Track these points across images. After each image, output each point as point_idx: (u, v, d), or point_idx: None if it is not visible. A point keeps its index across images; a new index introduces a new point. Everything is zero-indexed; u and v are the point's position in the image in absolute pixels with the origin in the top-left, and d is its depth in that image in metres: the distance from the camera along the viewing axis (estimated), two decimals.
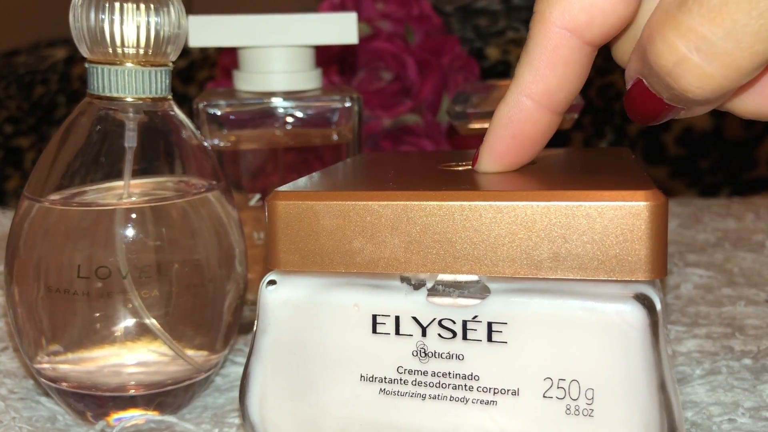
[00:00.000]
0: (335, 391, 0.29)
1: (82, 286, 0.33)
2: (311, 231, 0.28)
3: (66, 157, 0.34)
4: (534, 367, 0.27)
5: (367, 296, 0.28)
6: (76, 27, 0.33)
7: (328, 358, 0.29)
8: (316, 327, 0.29)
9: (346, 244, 0.28)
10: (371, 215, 0.28)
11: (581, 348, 0.26)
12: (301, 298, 0.29)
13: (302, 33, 0.43)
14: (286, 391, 0.29)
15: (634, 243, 0.25)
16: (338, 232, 0.28)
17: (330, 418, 0.29)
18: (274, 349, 0.29)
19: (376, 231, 0.28)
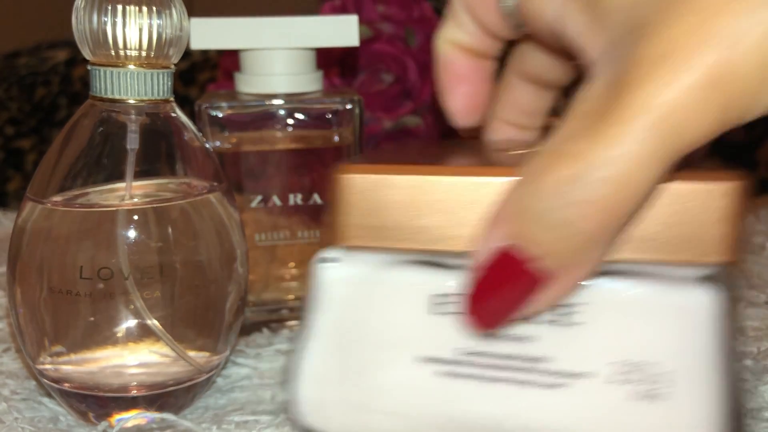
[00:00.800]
0: (391, 372, 0.28)
1: (84, 287, 0.33)
2: (381, 206, 0.27)
3: (68, 159, 0.34)
4: (604, 350, 0.26)
5: (428, 275, 0.27)
6: (78, 29, 0.33)
7: (384, 339, 0.28)
8: (373, 306, 0.28)
9: (416, 221, 0.27)
10: (445, 190, 0.26)
11: (653, 331, 0.25)
12: (360, 275, 0.28)
13: (303, 35, 0.43)
14: (339, 373, 0.29)
15: (710, 225, 0.25)
16: (409, 208, 0.27)
17: (386, 401, 0.28)
18: (328, 328, 0.29)
19: (449, 207, 0.26)
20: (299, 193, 0.45)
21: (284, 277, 0.47)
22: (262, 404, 0.36)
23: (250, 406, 0.36)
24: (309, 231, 0.45)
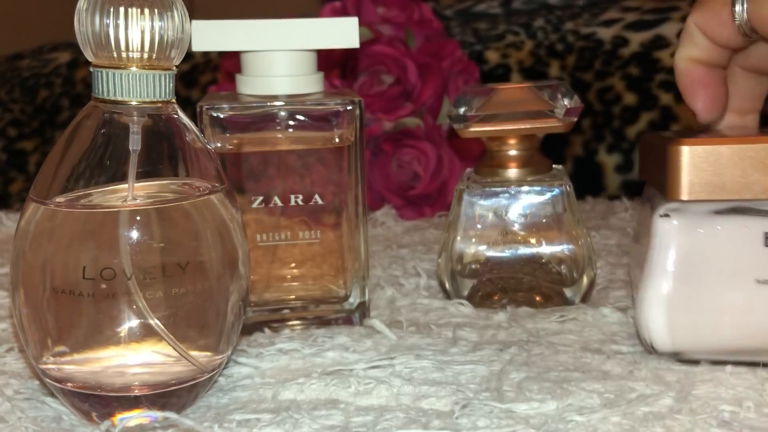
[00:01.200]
0: (735, 294, 0.36)
1: (87, 288, 0.33)
2: (713, 167, 0.36)
3: (71, 160, 0.35)
4: None
5: (760, 217, 0.36)
6: (81, 31, 0.33)
7: (728, 268, 0.36)
8: (715, 244, 0.36)
9: (742, 177, 0.36)
10: (766, 153, 0.36)
11: None
12: (700, 221, 0.37)
13: (304, 37, 0.44)
14: (687, 299, 0.37)
15: None
16: (736, 167, 0.36)
17: (729, 318, 0.36)
18: (673, 264, 0.37)
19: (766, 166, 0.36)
20: (300, 193, 0.45)
21: (286, 278, 0.47)
22: (264, 403, 0.36)
23: (252, 404, 0.36)
24: (310, 231, 0.46)
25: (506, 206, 0.48)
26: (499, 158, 0.49)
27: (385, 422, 0.33)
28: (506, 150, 0.48)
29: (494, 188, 0.48)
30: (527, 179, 0.48)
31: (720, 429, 0.31)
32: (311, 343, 0.42)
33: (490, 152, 0.49)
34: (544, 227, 0.48)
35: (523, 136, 0.48)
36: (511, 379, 0.36)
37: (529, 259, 0.48)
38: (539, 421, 0.33)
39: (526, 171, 0.48)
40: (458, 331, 0.43)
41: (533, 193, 0.48)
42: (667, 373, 0.37)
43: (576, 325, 0.44)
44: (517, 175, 0.48)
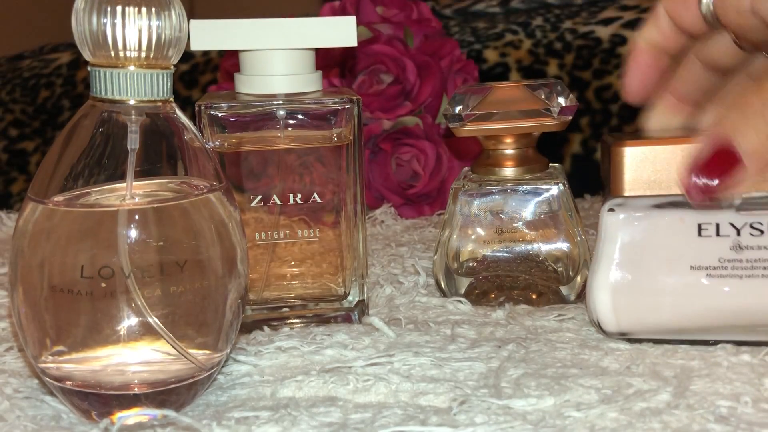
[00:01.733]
0: (672, 278, 0.40)
1: (85, 286, 0.33)
2: (652, 166, 0.40)
3: (69, 159, 0.35)
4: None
5: (690, 212, 0.39)
6: (78, 31, 0.34)
7: (665, 255, 0.40)
8: (655, 234, 0.40)
9: (677, 174, 0.38)
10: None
11: None
12: (641, 214, 0.40)
13: (302, 36, 0.44)
14: (630, 284, 0.40)
15: None
16: (671, 166, 0.39)
17: (667, 300, 0.40)
18: (618, 252, 0.40)
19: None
20: (299, 192, 0.45)
21: (285, 276, 0.47)
22: (263, 400, 0.36)
23: (251, 402, 0.36)
24: (309, 230, 0.46)
25: (502, 204, 0.48)
26: (495, 157, 0.49)
27: (383, 419, 0.33)
28: (502, 149, 0.49)
29: (490, 187, 0.48)
30: (523, 178, 0.48)
31: (717, 424, 0.31)
32: (310, 341, 0.42)
33: (486, 151, 0.49)
34: (540, 225, 0.48)
35: (518, 135, 0.48)
36: (508, 375, 0.37)
37: (526, 257, 0.48)
38: (537, 417, 0.33)
39: (522, 169, 0.48)
40: (456, 328, 0.43)
41: (529, 192, 0.48)
42: (664, 368, 0.37)
43: (574, 323, 0.44)
44: (513, 174, 0.48)
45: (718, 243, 0.39)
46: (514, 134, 0.48)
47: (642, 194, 0.40)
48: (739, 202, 0.39)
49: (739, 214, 0.39)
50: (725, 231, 0.39)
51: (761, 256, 0.39)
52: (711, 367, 0.37)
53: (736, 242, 0.39)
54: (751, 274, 0.39)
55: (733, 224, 0.39)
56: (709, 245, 0.39)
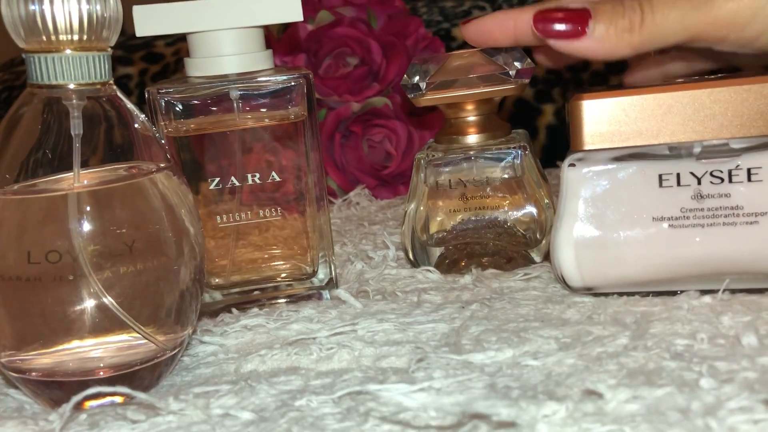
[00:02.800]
0: (635, 230, 0.39)
1: (34, 272, 0.33)
2: (609, 118, 0.40)
3: (13, 149, 0.35)
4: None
5: (655, 161, 0.39)
6: (9, 17, 0.33)
7: (627, 208, 0.40)
8: (616, 187, 0.40)
9: (636, 125, 0.39)
10: (656, 102, 0.39)
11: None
12: (602, 168, 0.40)
13: (248, 14, 0.43)
14: (593, 238, 0.40)
15: None
16: (629, 117, 0.39)
17: (630, 252, 0.39)
18: (581, 207, 0.40)
19: (657, 114, 0.39)
20: (257, 172, 0.45)
21: (252, 259, 0.47)
22: (226, 376, 0.36)
23: (214, 379, 0.36)
24: (270, 209, 0.46)
25: (465, 172, 0.48)
26: (457, 125, 0.49)
27: (342, 383, 0.33)
28: (463, 116, 0.48)
29: (453, 155, 0.48)
30: (486, 144, 0.48)
31: (673, 361, 0.31)
32: (276, 318, 0.42)
33: (448, 120, 0.49)
34: (505, 191, 0.48)
35: (478, 102, 0.48)
36: (470, 333, 0.36)
37: (493, 223, 0.48)
38: (494, 368, 0.32)
39: (485, 136, 0.48)
40: (423, 295, 0.43)
41: (492, 158, 0.48)
42: (626, 315, 0.37)
43: (540, 282, 0.44)
44: (476, 141, 0.48)
45: (679, 193, 0.39)
46: (473, 101, 0.48)
47: (601, 147, 0.40)
48: (699, 150, 0.39)
49: (699, 163, 0.39)
50: (686, 180, 0.39)
51: (722, 204, 0.39)
52: (671, 311, 0.37)
53: (697, 191, 0.39)
54: (713, 222, 0.39)
55: (693, 173, 0.39)
56: (670, 195, 0.39)
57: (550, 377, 0.31)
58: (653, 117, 0.39)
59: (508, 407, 0.28)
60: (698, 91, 0.39)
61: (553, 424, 0.27)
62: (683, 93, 0.39)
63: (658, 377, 0.29)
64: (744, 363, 0.30)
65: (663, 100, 0.39)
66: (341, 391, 0.31)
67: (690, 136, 0.39)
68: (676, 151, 0.39)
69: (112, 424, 0.32)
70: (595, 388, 0.28)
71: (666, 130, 0.39)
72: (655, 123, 0.39)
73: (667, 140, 0.39)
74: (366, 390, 0.31)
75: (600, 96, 0.40)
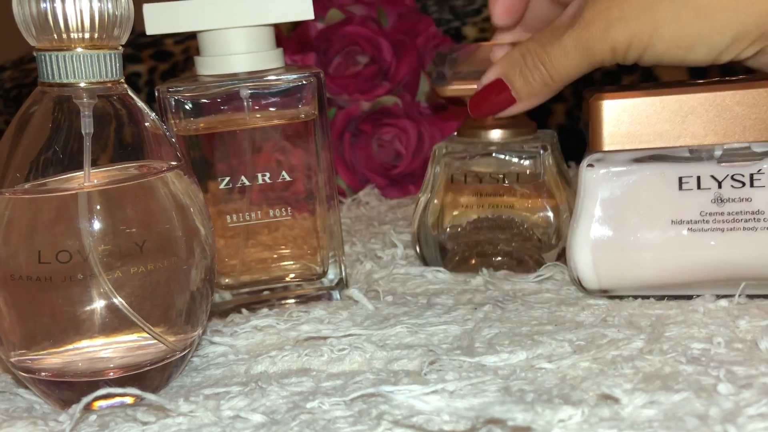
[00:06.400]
0: (654, 233, 0.39)
1: (44, 272, 0.33)
2: (630, 119, 0.39)
3: (23, 148, 0.34)
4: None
5: (676, 164, 0.39)
6: (21, 15, 0.33)
7: (646, 210, 0.39)
8: (635, 189, 0.39)
9: (656, 127, 0.39)
10: (677, 104, 0.38)
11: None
12: (621, 169, 0.39)
13: (259, 12, 0.43)
14: (610, 239, 0.39)
15: None
16: (650, 118, 0.39)
17: (648, 254, 0.39)
18: (598, 208, 0.40)
19: (679, 115, 0.39)
20: (267, 171, 0.45)
21: (262, 259, 0.47)
22: (236, 378, 0.36)
23: (224, 380, 0.36)
24: (280, 209, 0.45)
25: (483, 167, 0.47)
26: (481, 119, 0.47)
27: (354, 384, 0.33)
28: None
29: (472, 149, 0.47)
30: (509, 141, 0.47)
31: (689, 365, 0.31)
32: (286, 318, 0.41)
33: None
34: (523, 190, 0.47)
35: None
36: (482, 336, 0.36)
37: (508, 223, 0.47)
38: (508, 371, 0.32)
39: (508, 132, 0.47)
40: (434, 297, 0.43)
41: (512, 155, 0.46)
42: (641, 318, 0.37)
43: (554, 284, 0.44)
44: (499, 137, 0.47)
45: (700, 196, 0.38)
46: None
47: (621, 148, 0.39)
48: (720, 154, 0.38)
49: (720, 166, 0.38)
50: (706, 184, 0.38)
51: (743, 209, 0.38)
52: (687, 314, 0.36)
53: (718, 195, 0.38)
54: (733, 227, 0.38)
55: (714, 177, 0.38)
56: (690, 199, 0.39)
57: (564, 381, 0.31)
58: (675, 119, 0.39)
59: (523, 412, 0.27)
60: (721, 93, 0.38)
61: (569, 429, 0.27)
62: (706, 95, 0.38)
63: (675, 382, 0.29)
64: (762, 368, 0.29)
65: (685, 101, 0.39)
66: (353, 394, 0.31)
67: (712, 138, 0.38)
68: (696, 153, 0.39)
69: (122, 426, 0.32)
70: (611, 393, 0.28)
71: (687, 133, 0.39)
72: (676, 125, 0.39)
73: (688, 143, 0.39)
74: (378, 392, 0.31)
75: (620, 96, 0.39)
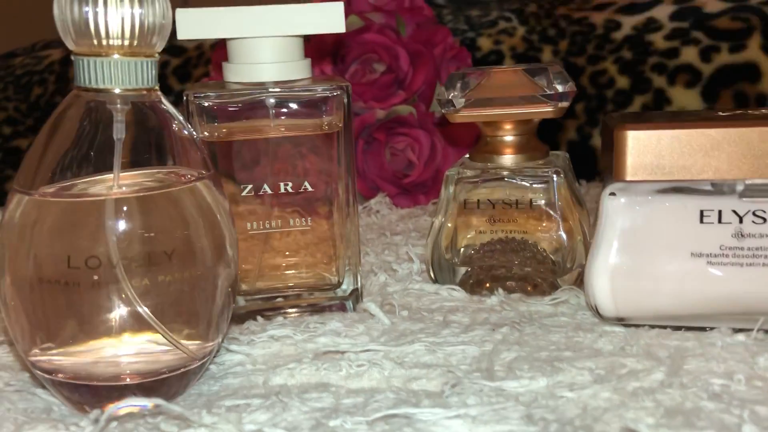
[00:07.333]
0: (670, 265, 0.39)
1: (73, 277, 0.33)
2: (654, 151, 0.39)
3: (55, 150, 0.35)
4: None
5: (697, 197, 0.39)
6: (60, 19, 0.33)
7: (666, 242, 0.39)
8: (656, 219, 0.39)
9: (681, 160, 0.39)
10: (703, 138, 0.39)
11: None
12: (643, 199, 0.40)
13: (290, 23, 0.43)
14: (628, 268, 0.40)
15: None
16: (675, 151, 0.39)
17: (666, 286, 0.39)
18: (618, 237, 0.40)
19: (704, 149, 0.39)
20: (290, 181, 0.45)
21: (278, 266, 0.47)
22: (255, 389, 0.36)
23: (243, 391, 0.36)
24: (301, 219, 0.46)
25: (497, 192, 0.47)
26: (494, 144, 0.48)
27: (375, 403, 0.33)
28: (501, 135, 0.47)
29: (486, 174, 0.48)
30: (521, 166, 0.47)
31: (711, 401, 0.31)
32: (303, 329, 0.42)
33: (484, 138, 0.48)
34: (536, 215, 0.47)
35: (518, 122, 0.47)
36: (501, 358, 0.36)
37: (521, 246, 0.47)
38: (529, 398, 0.32)
39: (521, 157, 0.47)
40: (450, 315, 0.43)
41: (525, 180, 0.47)
42: (659, 349, 0.37)
43: (569, 308, 0.44)
44: (512, 162, 0.47)
45: (720, 230, 0.39)
46: (513, 120, 0.47)
47: (644, 179, 0.40)
48: (742, 189, 0.38)
49: (742, 201, 0.38)
50: (727, 218, 0.39)
51: (763, 245, 0.38)
52: (705, 347, 0.37)
53: (738, 230, 0.39)
54: (752, 262, 0.38)
55: (735, 211, 0.39)
56: (710, 232, 0.39)
57: (586, 411, 0.31)
58: (699, 152, 0.39)
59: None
60: (747, 129, 0.38)
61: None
62: (732, 130, 0.38)
63: (697, 418, 0.29)
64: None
65: (711, 136, 0.39)
66: (376, 414, 0.31)
67: (735, 174, 0.39)
68: (718, 187, 0.39)
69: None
70: (635, 427, 0.28)
71: (711, 167, 0.39)
72: (700, 158, 0.39)
73: (711, 177, 0.39)
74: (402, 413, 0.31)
75: (646, 127, 0.40)
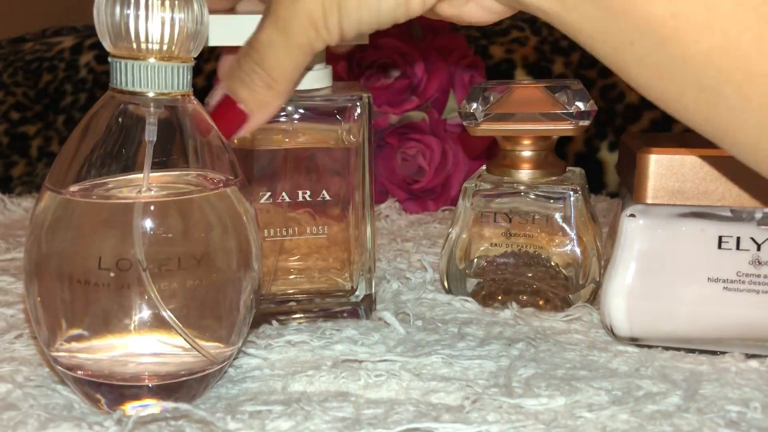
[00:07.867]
0: (687, 289, 0.40)
1: (103, 278, 0.33)
2: (677, 175, 0.40)
3: (87, 150, 0.35)
4: None
5: (716, 222, 0.40)
6: (100, 21, 0.33)
7: (684, 266, 0.40)
8: (674, 243, 0.40)
9: (702, 186, 0.40)
10: (726, 165, 0.39)
11: None
12: (661, 222, 0.40)
13: None
14: (645, 290, 0.40)
15: None
16: (697, 176, 0.40)
17: (682, 309, 0.40)
18: (635, 259, 0.41)
19: (726, 176, 0.39)
20: (308, 189, 0.45)
21: (292, 271, 0.47)
22: (274, 394, 0.37)
23: (262, 396, 0.36)
24: (317, 227, 0.46)
25: (513, 207, 0.48)
26: (512, 158, 0.48)
27: (396, 415, 0.33)
28: (519, 150, 0.48)
29: (503, 188, 0.48)
30: (538, 181, 0.48)
31: (728, 429, 0.32)
32: (319, 336, 0.42)
33: (503, 151, 0.49)
34: (551, 230, 0.48)
35: (537, 138, 0.47)
36: (518, 375, 0.37)
37: (535, 261, 0.48)
38: (549, 417, 0.33)
39: (538, 173, 0.48)
40: (464, 327, 0.44)
41: (542, 196, 0.48)
42: (673, 372, 0.38)
43: (582, 325, 0.44)
44: (529, 177, 0.48)
45: (738, 256, 0.39)
46: (531, 136, 0.47)
47: (664, 203, 0.40)
48: (761, 216, 0.39)
49: (760, 229, 0.39)
50: (745, 245, 0.39)
51: None
52: (720, 372, 0.37)
53: (756, 257, 0.39)
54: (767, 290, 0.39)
55: (753, 239, 0.39)
56: (728, 258, 0.40)
57: None
58: (721, 178, 0.39)
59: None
60: None
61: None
62: None
63: None
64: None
65: (733, 162, 0.39)
66: (397, 427, 0.32)
67: (754, 202, 0.39)
68: (737, 214, 0.40)
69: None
70: None
71: (732, 193, 0.40)
72: (721, 185, 0.39)
73: (732, 204, 0.40)
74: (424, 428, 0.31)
75: (669, 152, 0.40)
